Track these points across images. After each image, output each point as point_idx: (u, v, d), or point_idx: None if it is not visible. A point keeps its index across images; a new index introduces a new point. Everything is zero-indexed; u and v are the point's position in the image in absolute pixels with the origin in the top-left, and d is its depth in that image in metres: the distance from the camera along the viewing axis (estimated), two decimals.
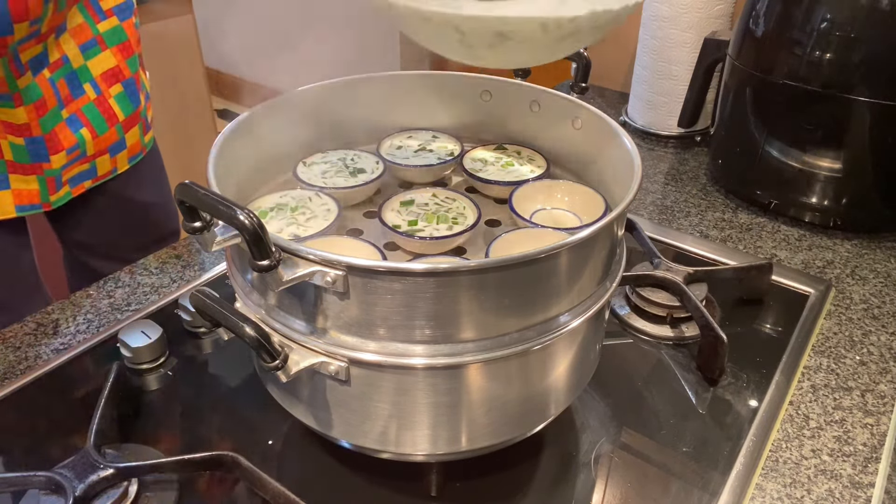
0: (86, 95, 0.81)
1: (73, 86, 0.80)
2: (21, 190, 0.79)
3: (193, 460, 0.53)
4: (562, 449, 0.60)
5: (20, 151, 0.77)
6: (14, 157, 0.77)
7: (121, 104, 0.85)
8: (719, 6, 1.05)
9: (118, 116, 0.85)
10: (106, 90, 0.83)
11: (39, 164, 0.79)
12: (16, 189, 0.79)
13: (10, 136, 0.75)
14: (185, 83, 1.72)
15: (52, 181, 0.81)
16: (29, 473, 0.51)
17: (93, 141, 0.83)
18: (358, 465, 0.57)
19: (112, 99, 0.84)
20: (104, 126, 0.84)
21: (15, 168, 0.78)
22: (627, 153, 0.55)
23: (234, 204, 0.39)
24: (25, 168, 0.78)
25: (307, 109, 0.66)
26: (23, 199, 0.80)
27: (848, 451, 0.60)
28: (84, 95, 0.81)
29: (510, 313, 0.46)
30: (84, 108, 0.81)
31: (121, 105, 0.85)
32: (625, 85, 1.32)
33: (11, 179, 0.78)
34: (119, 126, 0.86)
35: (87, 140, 0.82)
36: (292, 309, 0.46)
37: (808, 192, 0.90)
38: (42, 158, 0.78)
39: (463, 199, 0.64)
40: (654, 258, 0.76)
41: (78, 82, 0.80)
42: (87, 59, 0.81)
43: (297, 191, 0.63)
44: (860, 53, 0.81)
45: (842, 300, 0.79)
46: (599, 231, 0.46)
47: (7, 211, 0.79)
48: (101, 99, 0.83)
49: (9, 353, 0.68)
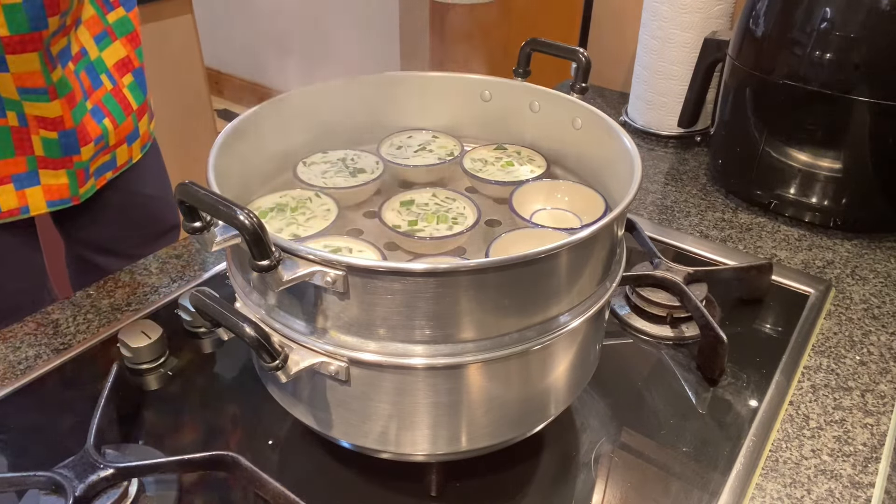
0: (104, 86, 0.83)
1: (93, 77, 0.81)
2: (51, 185, 0.80)
3: (193, 460, 0.53)
4: (562, 449, 0.60)
5: (52, 146, 0.78)
6: (45, 152, 0.78)
7: (133, 93, 0.87)
8: (719, 6, 1.05)
9: (132, 105, 0.87)
10: (120, 80, 0.85)
11: (70, 158, 0.80)
12: (45, 184, 0.80)
13: (42, 131, 0.76)
14: (185, 83, 1.72)
15: (82, 173, 0.82)
16: (29, 473, 0.51)
17: (114, 131, 0.84)
18: (358, 465, 0.57)
19: (126, 88, 0.86)
20: (122, 116, 0.85)
21: (45, 163, 0.79)
22: (627, 153, 0.55)
23: (234, 204, 0.39)
24: (56, 162, 0.79)
25: (307, 109, 0.66)
26: (53, 194, 0.81)
27: (848, 451, 0.60)
28: (102, 86, 0.83)
29: (510, 313, 0.46)
30: (104, 99, 0.83)
31: (133, 94, 0.87)
32: (625, 85, 1.32)
33: (42, 175, 0.79)
34: (134, 115, 0.87)
35: (109, 130, 0.84)
36: (292, 309, 0.46)
37: (808, 192, 0.90)
38: (73, 151, 0.79)
39: (463, 199, 0.64)
40: (654, 258, 0.76)
41: (96, 73, 0.82)
42: (101, 49, 0.82)
43: (297, 191, 0.63)
44: (860, 53, 0.81)
45: (842, 300, 0.79)
46: (599, 231, 0.46)
47: (38, 206, 0.80)
48: (117, 89, 0.84)
49: (9, 353, 0.68)
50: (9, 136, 0.75)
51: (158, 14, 1.62)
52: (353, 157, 0.69)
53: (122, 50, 0.84)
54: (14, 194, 0.78)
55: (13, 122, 0.74)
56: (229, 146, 0.56)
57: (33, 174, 0.79)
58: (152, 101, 0.93)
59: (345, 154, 0.69)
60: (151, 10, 1.58)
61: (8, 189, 0.77)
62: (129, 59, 0.86)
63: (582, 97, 0.65)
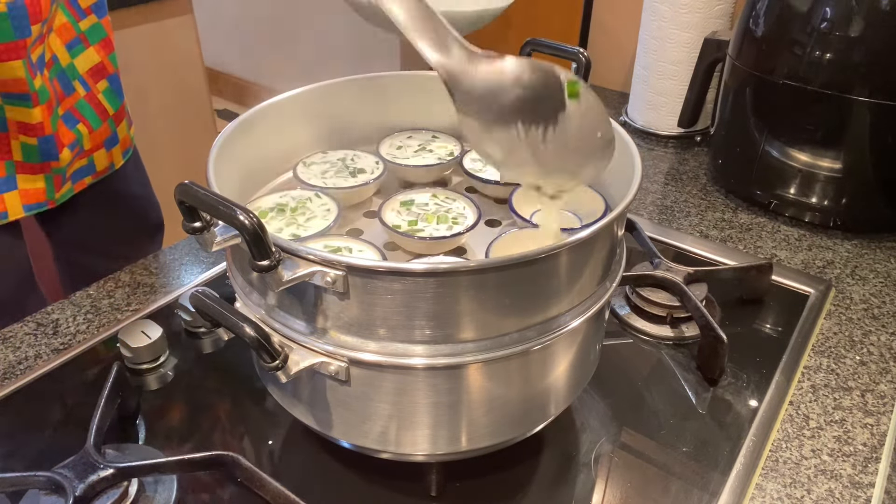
0: (76, 93, 0.83)
1: (64, 84, 0.82)
2: (28, 189, 0.80)
3: (193, 460, 0.53)
4: (562, 449, 0.60)
5: (31, 151, 0.78)
6: (24, 157, 0.78)
7: (109, 99, 0.87)
8: (719, 6, 1.05)
9: (108, 111, 0.87)
10: (94, 86, 0.85)
11: (48, 163, 0.80)
12: (23, 189, 0.80)
13: (22, 137, 0.77)
14: (185, 83, 1.72)
15: (59, 178, 0.82)
16: (29, 473, 0.51)
17: (89, 135, 0.85)
18: (358, 465, 0.57)
19: (101, 94, 0.86)
20: (98, 121, 0.86)
21: (23, 168, 0.79)
22: (627, 153, 0.55)
23: (234, 204, 0.39)
24: (34, 167, 0.79)
25: (307, 109, 0.66)
26: (29, 199, 0.81)
27: (848, 451, 0.60)
28: (75, 93, 0.83)
29: (510, 313, 0.46)
30: (77, 105, 0.83)
31: (109, 100, 0.87)
32: (625, 85, 1.32)
33: (19, 180, 0.79)
34: (111, 120, 0.88)
35: (84, 135, 0.84)
36: (292, 309, 0.46)
37: (808, 192, 0.90)
38: (52, 157, 0.80)
39: (463, 199, 0.64)
40: (654, 258, 0.76)
41: (67, 80, 0.82)
42: (73, 56, 0.82)
43: (297, 191, 0.63)
44: (860, 53, 0.81)
45: (842, 300, 0.79)
46: (599, 231, 0.46)
47: (16, 211, 0.80)
48: (91, 95, 0.85)
49: (9, 353, 0.68)
50: None
51: (158, 14, 1.61)
52: (353, 157, 0.69)
53: (95, 56, 0.85)
54: None
55: None
56: (229, 146, 0.56)
57: (11, 179, 0.79)
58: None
59: (345, 154, 0.69)
60: (151, 10, 1.58)
61: None
62: (104, 66, 0.86)
63: None
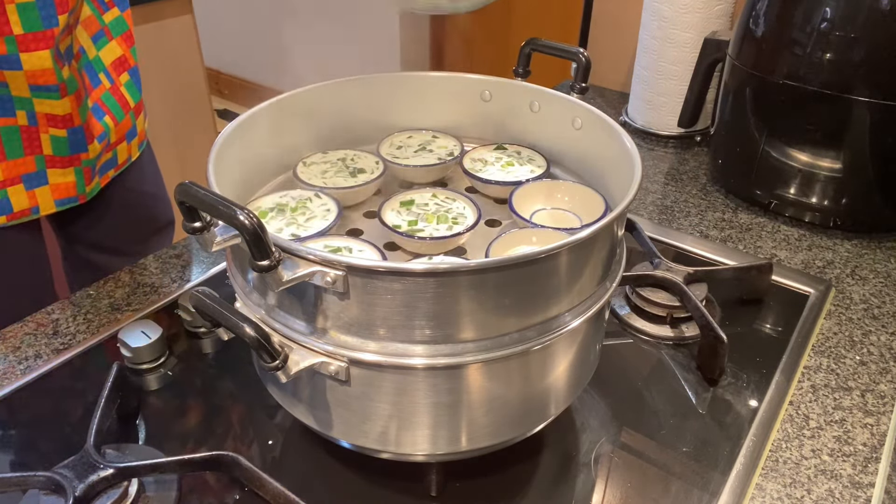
0: (102, 85, 0.84)
1: (91, 75, 0.82)
2: (59, 184, 0.81)
3: (193, 460, 0.53)
4: (562, 449, 0.60)
5: (60, 144, 0.78)
6: (53, 150, 0.78)
7: (130, 91, 0.88)
8: (719, 6, 1.05)
9: (130, 103, 0.88)
10: (117, 79, 0.86)
11: (78, 156, 0.80)
12: (54, 183, 0.80)
13: (51, 129, 0.77)
14: (185, 83, 1.72)
15: (89, 171, 0.83)
16: (29, 473, 0.51)
17: (115, 128, 0.85)
18: (358, 465, 0.57)
19: (123, 87, 0.86)
20: (121, 113, 0.86)
21: (53, 162, 0.79)
22: (627, 153, 0.55)
23: (234, 204, 0.39)
24: (64, 161, 0.80)
25: (307, 109, 0.66)
26: (60, 193, 0.81)
27: (848, 451, 0.60)
28: (101, 85, 0.83)
29: (510, 313, 0.46)
30: (103, 97, 0.84)
31: (130, 92, 0.88)
32: (625, 85, 1.32)
33: (50, 174, 0.80)
34: (132, 112, 0.88)
35: (111, 127, 0.84)
36: (292, 309, 0.46)
37: (808, 192, 0.90)
38: (82, 148, 0.80)
39: (463, 199, 0.64)
40: (654, 258, 0.76)
41: (94, 72, 0.83)
42: (99, 49, 0.83)
43: (296, 191, 0.63)
44: (860, 53, 0.81)
45: (842, 300, 0.79)
46: (599, 231, 0.46)
47: (48, 206, 0.81)
48: (115, 87, 0.85)
49: (9, 353, 0.68)
50: (18, 136, 0.75)
51: (158, 14, 1.61)
52: (353, 157, 0.69)
53: (118, 49, 0.85)
54: (25, 194, 0.79)
55: (22, 122, 0.75)
56: (229, 146, 0.56)
57: (42, 174, 0.79)
58: (147, 101, 0.94)
59: (345, 154, 0.69)
60: (151, 10, 1.58)
61: (19, 189, 0.78)
62: (125, 58, 0.87)
63: (582, 97, 0.65)
